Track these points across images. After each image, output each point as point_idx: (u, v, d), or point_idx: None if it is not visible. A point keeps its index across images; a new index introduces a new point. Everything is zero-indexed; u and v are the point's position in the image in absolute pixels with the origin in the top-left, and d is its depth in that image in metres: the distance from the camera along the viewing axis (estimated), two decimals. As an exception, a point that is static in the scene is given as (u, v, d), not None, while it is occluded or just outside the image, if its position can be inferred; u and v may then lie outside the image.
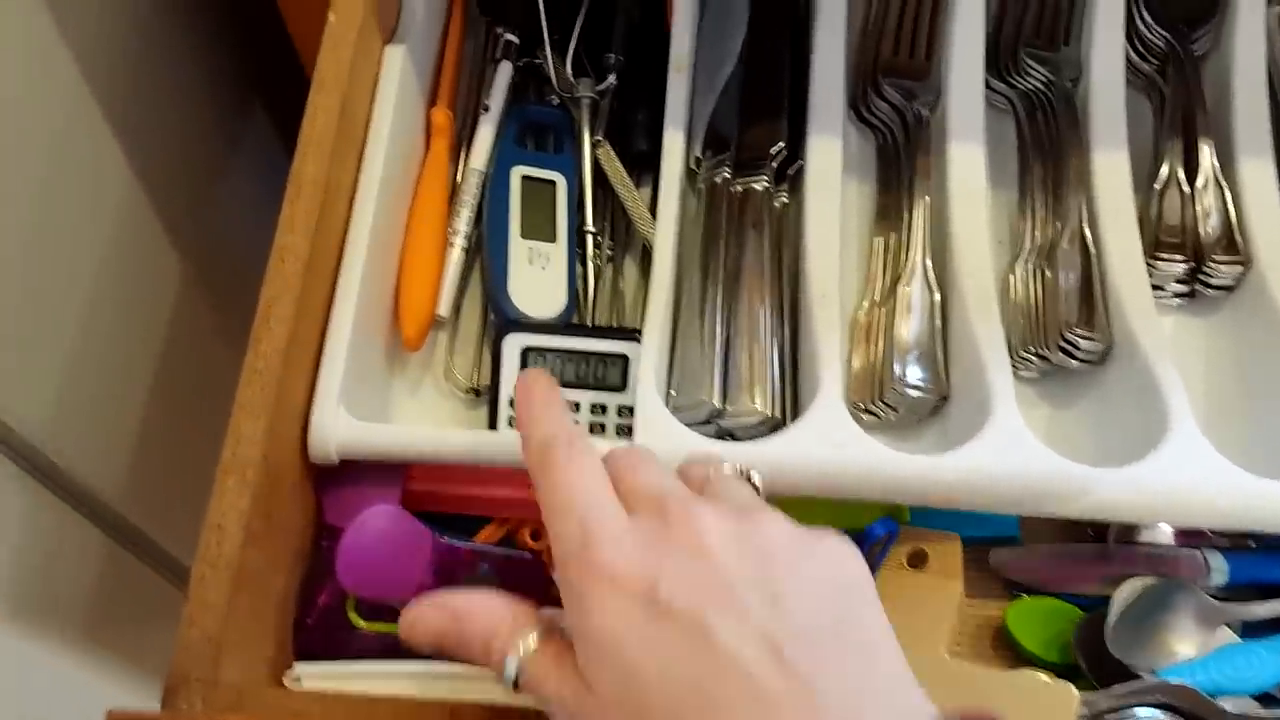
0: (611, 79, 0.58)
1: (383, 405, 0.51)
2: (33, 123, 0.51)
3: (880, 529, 0.46)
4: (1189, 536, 0.49)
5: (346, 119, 0.48)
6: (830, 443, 0.45)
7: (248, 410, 0.42)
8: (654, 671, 0.30)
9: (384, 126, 0.51)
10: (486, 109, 0.56)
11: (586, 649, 0.31)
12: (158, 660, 0.69)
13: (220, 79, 0.70)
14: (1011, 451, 0.45)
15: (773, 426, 0.49)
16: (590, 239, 0.56)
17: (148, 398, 0.65)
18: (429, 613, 0.36)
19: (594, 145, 0.57)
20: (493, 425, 0.50)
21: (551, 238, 0.55)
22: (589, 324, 0.55)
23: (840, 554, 0.33)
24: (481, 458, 0.46)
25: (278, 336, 0.43)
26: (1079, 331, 0.50)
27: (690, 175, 0.56)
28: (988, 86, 0.57)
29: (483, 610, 0.35)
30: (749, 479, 0.37)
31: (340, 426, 0.45)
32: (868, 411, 0.51)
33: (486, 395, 0.51)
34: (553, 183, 0.57)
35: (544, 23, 0.57)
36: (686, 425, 0.47)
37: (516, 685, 0.33)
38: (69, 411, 0.56)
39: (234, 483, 0.41)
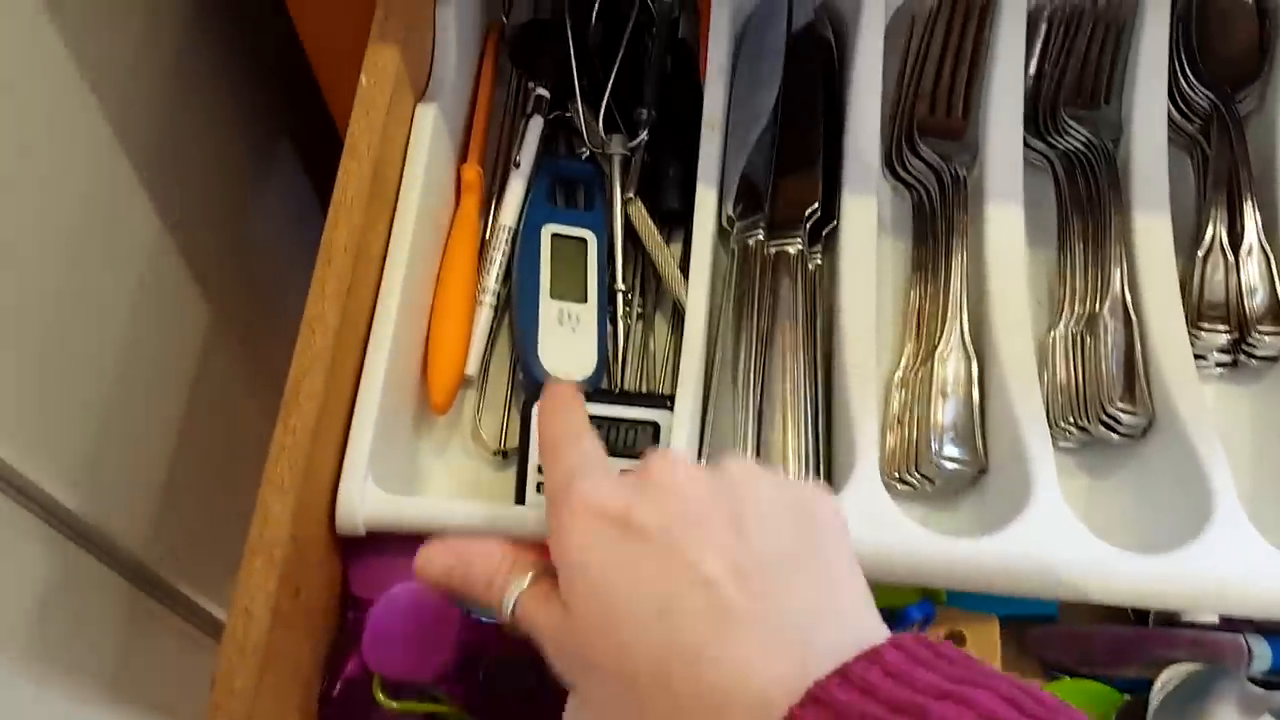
0: (643, 134, 0.57)
1: (410, 469, 0.51)
2: (61, 172, 0.51)
3: (917, 613, 0.45)
4: (1232, 620, 0.47)
5: (378, 182, 0.48)
6: (867, 525, 0.44)
7: (275, 487, 0.41)
8: (624, 588, 0.32)
9: (415, 187, 0.50)
10: (517, 165, 0.55)
11: (566, 573, 0.34)
12: (186, 708, 0.69)
13: (248, 121, 0.70)
14: (1053, 537, 0.44)
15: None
16: (620, 297, 0.55)
17: (175, 443, 0.64)
18: (439, 553, 0.38)
19: (625, 202, 0.57)
20: (520, 492, 0.50)
21: (582, 298, 0.55)
22: (619, 385, 0.54)
23: (814, 496, 0.35)
24: (510, 532, 0.45)
25: (307, 412, 0.43)
26: (1120, 406, 0.49)
27: (722, 233, 0.55)
28: (1026, 145, 0.56)
29: (486, 553, 0.37)
30: None
31: (368, 499, 0.45)
32: (903, 481, 0.50)
33: (515, 457, 0.51)
34: (584, 240, 0.56)
35: (576, 77, 0.57)
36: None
37: (513, 620, 0.36)
38: (95, 462, 0.56)
39: (261, 564, 0.40)
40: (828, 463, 0.50)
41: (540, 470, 0.50)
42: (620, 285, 0.55)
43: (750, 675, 0.29)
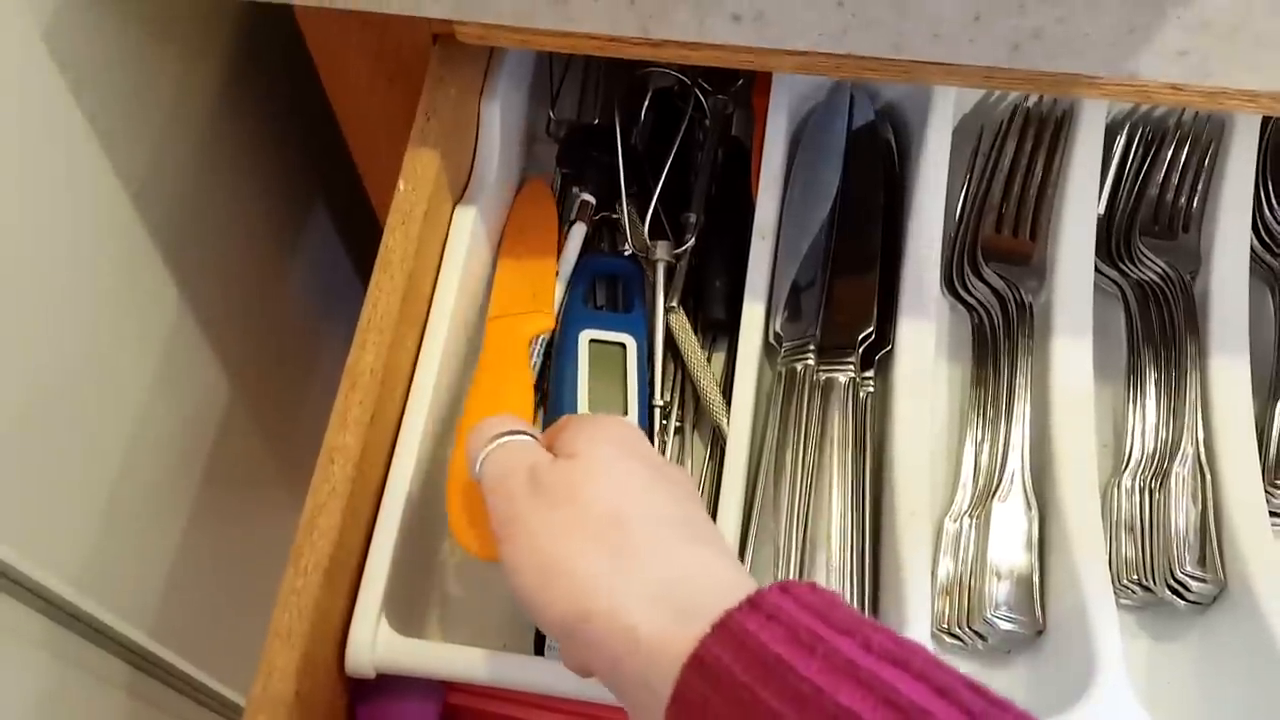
0: (690, 241, 0.54)
1: (427, 596, 0.48)
2: (78, 252, 0.48)
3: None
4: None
5: (411, 296, 0.45)
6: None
7: (283, 639, 0.39)
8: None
9: (448, 301, 0.47)
10: (557, 274, 0.52)
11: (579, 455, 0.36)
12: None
13: (280, 193, 0.68)
14: (1119, 728, 0.40)
15: (849, 652, 0.45)
16: (658, 412, 0.52)
17: (186, 525, 0.62)
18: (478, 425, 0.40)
19: (668, 311, 0.54)
20: (540, 635, 0.47)
21: (621, 408, 0.52)
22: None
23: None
24: (526, 684, 0.42)
25: (320, 551, 0.40)
26: (1190, 571, 0.46)
27: (768, 346, 0.52)
28: (1098, 272, 0.53)
29: (494, 419, 0.39)
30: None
31: (380, 644, 0.42)
32: (953, 635, 0.47)
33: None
34: (622, 345, 0.53)
35: (623, 181, 0.54)
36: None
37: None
38: (100, 550, 0.54)
39: (264, 722, 0.37)
40: (874, 611, 0.47)
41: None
42: (659, 401, 0.52)
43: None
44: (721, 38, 0.40)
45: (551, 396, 0.52)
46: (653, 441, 0.52)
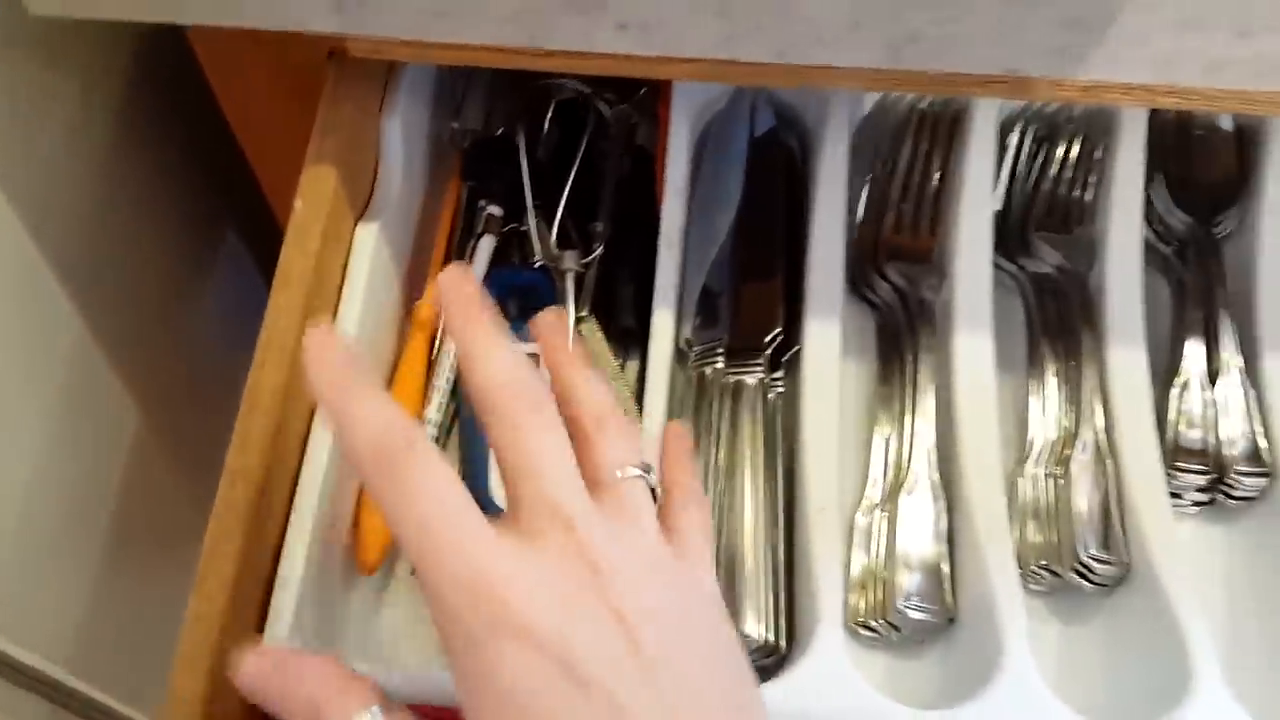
0: (598, 250, 0.55)
1: (341, 614, 0.47)
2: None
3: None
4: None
5: (312, 315, 0.45)
6: (828, 696, 0.42)
7: (189, 664, 0.38)
8: None
9: (352, 318, 0.47)
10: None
11: (483, 704, 0.29)
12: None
13: (189, 217, 0.67)
14: (1024, 711, 0.41)
15: (769, 652, 0.45)
16: (572, 422, 0.52)
17: (101, 557, 0.61)
18: (250, 659, 0.32)
19: (578, 320, 0.54)
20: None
21: (532, 419, 0.52)
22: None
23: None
24: (441, 698, 0.42)
25: (224, 575, 0.39)
26: (1094, 554, 0.47)
27: (680, 353, 0.53)
28: (996, 266, 0.54)
29: (312, 672, 0.31)
30: (649, 482, 0.35)
31: (292, 666, 0.41)
32: (868, 628, 0.47)
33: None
34: (535, 356, 0.53)
35: (529, 192, 0.54)
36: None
37: None
38: (16, 591, 0.53)
39: (169, 750, 0.37)
40: (789, 612, 0.47)
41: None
42: (572, 410, 0.52)
43: None
44: (608, 47, 0.41)
45: (463, 410, 0.52)
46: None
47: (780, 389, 0.52)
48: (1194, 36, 0.40)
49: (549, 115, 0.58)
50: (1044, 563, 0.48)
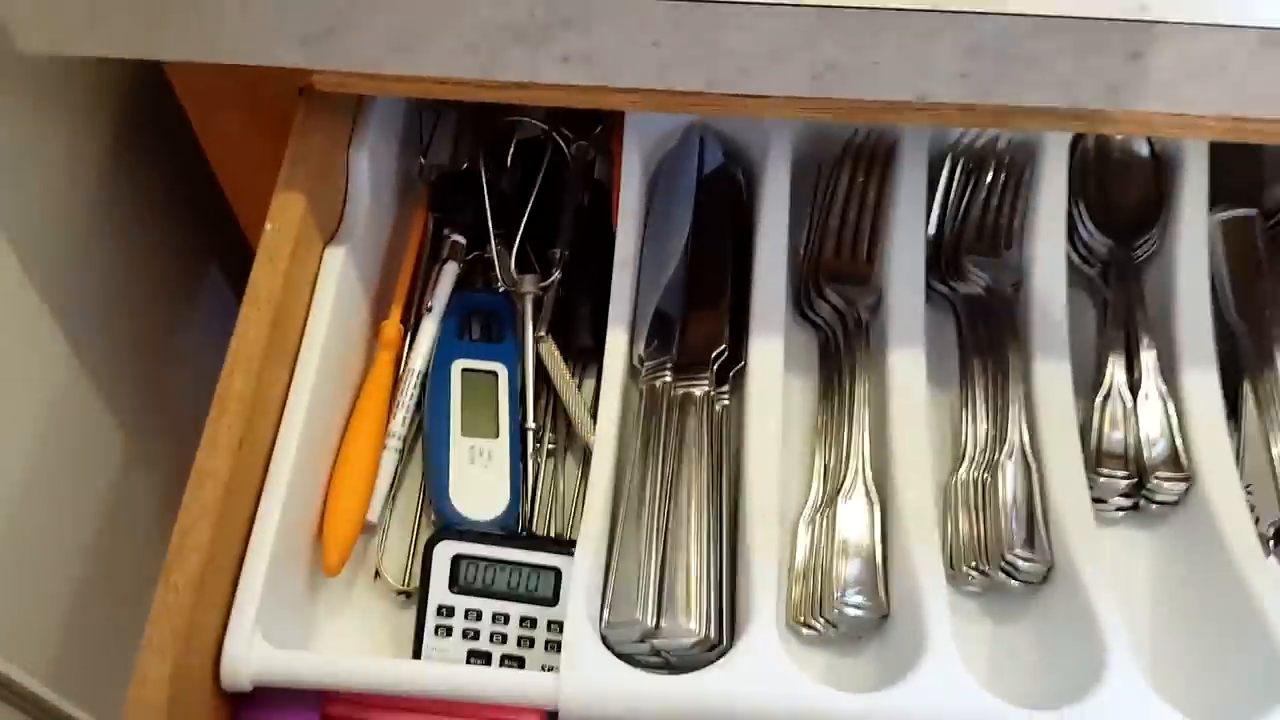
0: (556, 274, 0.58)
1: (306, 619, 0.50)
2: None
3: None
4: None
5: (280, 329, 0.48)
6: (761, 683, 0.44)
7: (155, 649, 0.40)
8: None
9: (319, 333, 0.50)
10: (429, 310, 0.56)
11: None
12: None
13: (172, 250, 0.70)
14: (945, 693, 0.44)
15: (709, 647, 0.48)
16: (531, 435, 0.55)
17: (87, 576, 0.63)
18: None
19: (537, 340, 0.57)
20: (418, 641, 0.49)
21: (494, 433, 0.55)
22: (529, 525, 0.54)
23: None
24: (402, 690, 0.44)
25: (191, 566, 0.42)
26: (1019, 553, 0.49)
27: (634, 372, 0.56)
28: (930, 288, 0.57)
29: None
30: None
31: (255, 656, 0.44)
32: (808, 626, 0.50)
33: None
34: (494, 374, 0.57)
35: (490, 222, 0.58)
36: (620, 644, 0.47)
37: None
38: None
39: (136, 730, 0.39)
40: (731, 612, 0.50)
41: (441, 613, 0.50)
42: (531, 424, 0.55)
43: None
44: (554, 78, 0.44)
45: (426, 424, 0.55)
46: (525, 463, 0.55)
47: (725, 402, 0.55)
48: (1095, 59, 0.43)
49: (511, 151, 0.61)
50: (974, 563, 0.51)
